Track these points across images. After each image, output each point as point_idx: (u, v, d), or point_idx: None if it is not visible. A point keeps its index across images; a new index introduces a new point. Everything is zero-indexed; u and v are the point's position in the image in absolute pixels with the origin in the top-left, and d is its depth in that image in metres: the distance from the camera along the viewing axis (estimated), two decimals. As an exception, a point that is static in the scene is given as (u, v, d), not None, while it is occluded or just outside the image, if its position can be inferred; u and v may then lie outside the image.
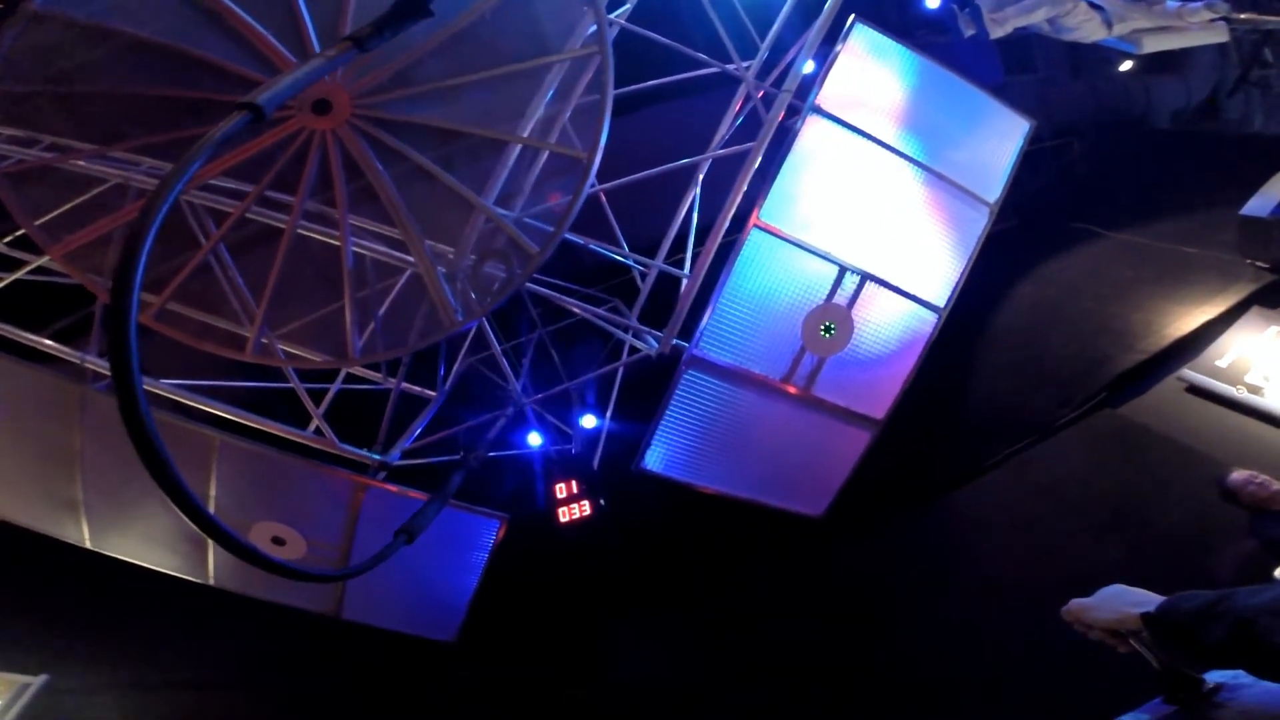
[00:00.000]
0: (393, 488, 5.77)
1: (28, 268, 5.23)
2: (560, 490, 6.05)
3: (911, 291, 6.17)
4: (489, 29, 4.34)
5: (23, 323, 5.55)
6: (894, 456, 7.49)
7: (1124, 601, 2.14)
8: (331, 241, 4.84)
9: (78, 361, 5.11)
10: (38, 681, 6.91)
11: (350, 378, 6.44)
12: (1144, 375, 7.96)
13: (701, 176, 6.53)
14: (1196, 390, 7.49)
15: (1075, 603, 2.26)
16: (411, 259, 5.01)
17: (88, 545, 6.05)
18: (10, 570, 7.53)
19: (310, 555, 5.98)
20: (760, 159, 5.52)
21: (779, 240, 5.68)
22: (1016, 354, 8.79)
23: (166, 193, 2.76)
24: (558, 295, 5.86)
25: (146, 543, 6.04)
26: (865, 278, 5.93)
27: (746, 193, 5.73)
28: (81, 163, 4.63)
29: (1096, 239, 9.91)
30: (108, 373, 5.36)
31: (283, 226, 4.69)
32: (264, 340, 4.83)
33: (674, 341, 5.68)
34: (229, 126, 3.21)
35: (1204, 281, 8.44)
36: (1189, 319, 8.11)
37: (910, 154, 5.88)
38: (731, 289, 5.71)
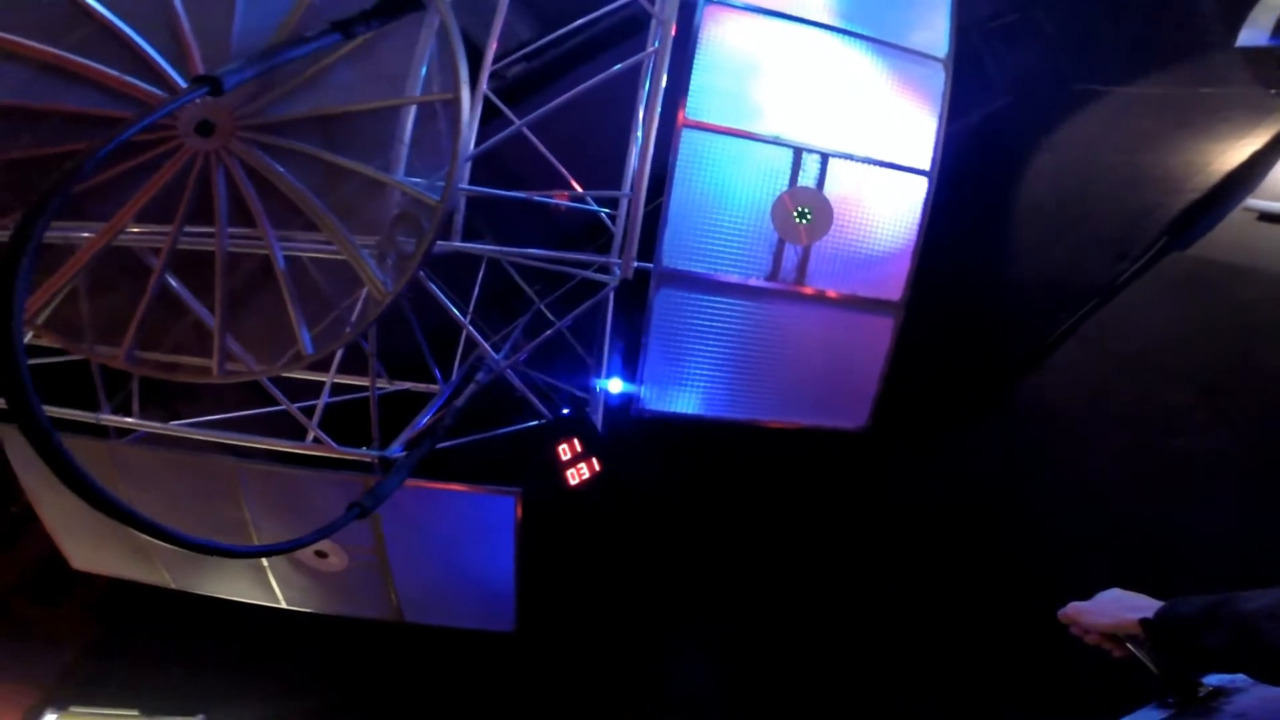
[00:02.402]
0: (410, 483, 5.86)
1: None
2: (564, 452, 5.88)
3: (889, 160, 5.65)
4: (327, 9, 4.37)
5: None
6: (942, 349, 6.86)
7: (1122, 606, 2.15)
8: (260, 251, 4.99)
9: (94, 421, 5.60)
10: (195, 722, 7.66)
11: (350, 388, 6.63)
12: (1203, 214, 6.98)
13: (644, 113, 6.20)
14: (1271, 217, 6.52)
15: (1073, 606, 2.27)
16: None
17: (173, 587, 6.58)
18: (160, 620, 8.36)
19: (353, 562, 6.20)
20: (668, 60, 5.21)
21: (715, 135, 5.36)
22: (1054, 224, 7.80)
23: (74, 172, 2.93)
24: (529, 258, 5.76)
25: (219, 576, 6.48)
26: (826, 155, 5.50)
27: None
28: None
29: (1102, 97, 8.62)
30: (127, 425, 5.86)
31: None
32: (228, 365, 5.07)
33: (635, 264, 5.44)
34: (184, 97, 3.35)
35: (1233, 118, 7.30)
36: (1233, 154, 7.06)
37: (837, 26, 5.45)
38: (680, 195, 5.44)
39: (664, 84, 5.29)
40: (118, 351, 4.96)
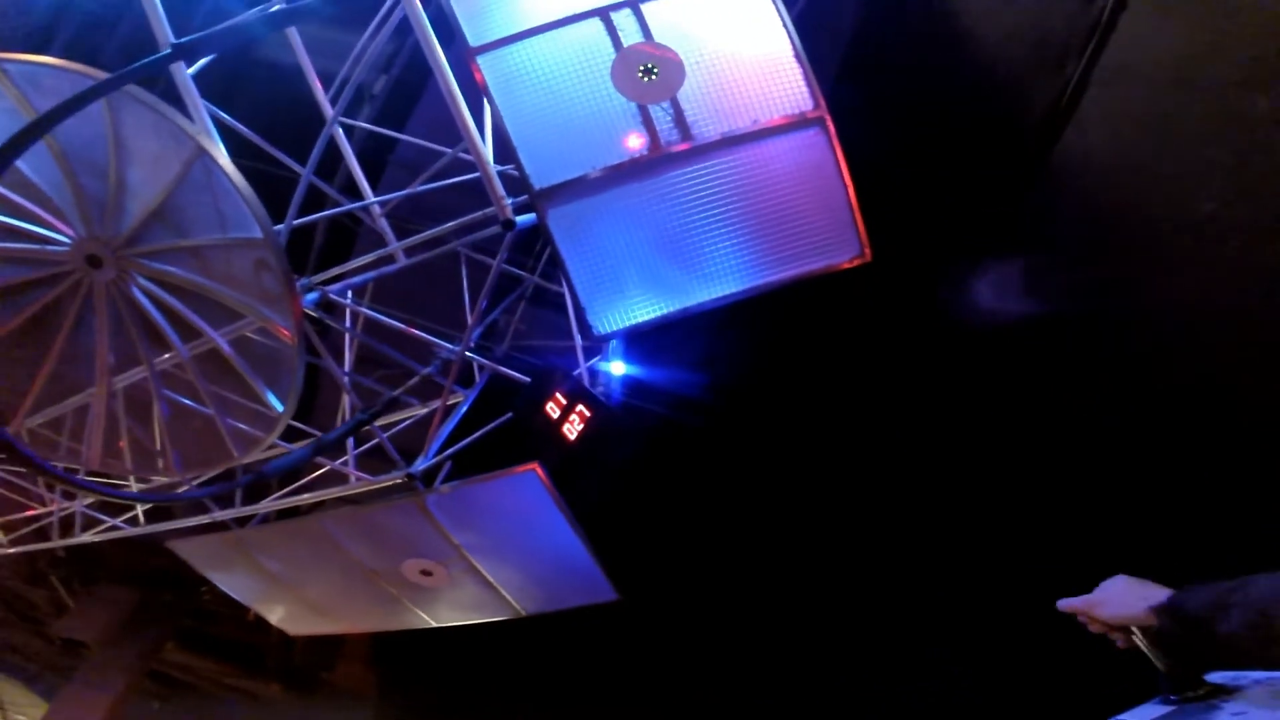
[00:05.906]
0: (445, 488, 6.10)
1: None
2: (552, 411, 5.64)
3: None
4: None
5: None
6: (948, 156, 5.51)
7: (1133, 595, 2.08)
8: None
9: (204, 521, 6.73)
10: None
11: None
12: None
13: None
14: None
15: (1074, 600, 2.20)
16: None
17: (339, 631, 7.57)
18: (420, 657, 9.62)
19: (450, 573, 6.58)
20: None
21: (509, 46, 4.90)
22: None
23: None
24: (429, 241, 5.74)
25: (374, 612, 7.28)
26: (634, 5, 4.79)
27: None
28: None
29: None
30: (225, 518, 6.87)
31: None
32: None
33: (509, 201, 5.16)
34: (156, 61, 3.86)
35: None
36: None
37: None
38: (514, 118, 5.02)
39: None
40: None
